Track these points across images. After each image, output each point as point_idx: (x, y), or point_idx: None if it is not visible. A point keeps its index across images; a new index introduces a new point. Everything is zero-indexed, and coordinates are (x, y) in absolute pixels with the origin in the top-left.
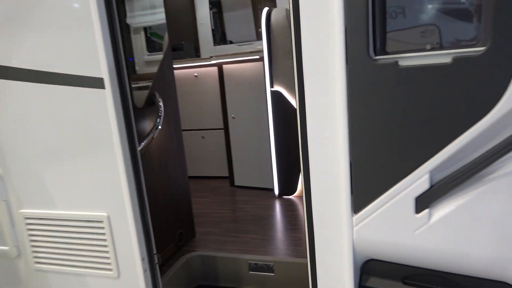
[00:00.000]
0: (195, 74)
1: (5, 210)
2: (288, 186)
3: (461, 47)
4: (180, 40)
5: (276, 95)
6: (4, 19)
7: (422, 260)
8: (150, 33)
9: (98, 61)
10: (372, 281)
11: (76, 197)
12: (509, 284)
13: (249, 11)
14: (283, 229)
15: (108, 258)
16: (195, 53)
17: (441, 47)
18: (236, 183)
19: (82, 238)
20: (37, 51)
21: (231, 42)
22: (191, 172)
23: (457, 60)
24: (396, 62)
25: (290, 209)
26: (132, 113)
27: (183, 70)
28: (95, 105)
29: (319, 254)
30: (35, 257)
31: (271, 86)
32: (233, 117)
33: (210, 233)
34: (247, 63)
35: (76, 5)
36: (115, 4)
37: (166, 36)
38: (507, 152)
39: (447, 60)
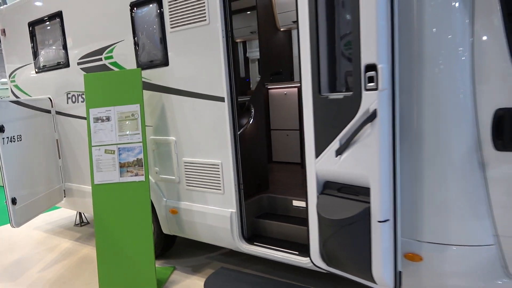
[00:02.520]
0: (285, 93)
1: (176, 158)
2: None
3: (347, 91)
4: (280, 67)
5: None
6: (178, 54)
7: (342, 179)
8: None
9: (222, 87)
10: (326, 191)
11: (206, 152)
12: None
13: None
14: None
15: (219, 184)
16: (290, 77)
17: (343, 91)
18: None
19: (207, 173)
20: (189, 78)
21: None
22: (277, 158)
23: (345, 97)
24: (327, 97)
25: None
26: (236, 115)
27: (278, 89)
28: (218, 110)
29: (309, 183)
30: (186, 183)
31: None
32: None
33: (278, 189)
34: None
35: (212, 52)
36: (232, 50)
37: (260, 66)
38: (359, 130)
39: (341, 96)
